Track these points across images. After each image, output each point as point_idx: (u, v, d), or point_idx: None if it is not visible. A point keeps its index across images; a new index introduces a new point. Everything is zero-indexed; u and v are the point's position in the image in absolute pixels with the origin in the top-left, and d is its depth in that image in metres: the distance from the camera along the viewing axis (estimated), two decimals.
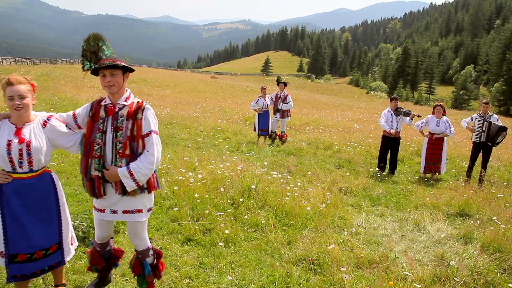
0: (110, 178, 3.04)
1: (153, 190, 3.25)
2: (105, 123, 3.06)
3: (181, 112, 18.27)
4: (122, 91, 3.12)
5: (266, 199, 5.85)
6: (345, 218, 5.67)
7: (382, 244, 4.96)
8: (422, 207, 6.51)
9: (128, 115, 3.06)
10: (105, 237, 3.46)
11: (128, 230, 3.36)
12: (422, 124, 9.41)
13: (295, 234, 4.91)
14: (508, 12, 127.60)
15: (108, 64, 2.97)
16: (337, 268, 4.03)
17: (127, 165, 3.02)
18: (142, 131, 3.06)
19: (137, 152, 3.07)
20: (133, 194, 3.11)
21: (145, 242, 3.35)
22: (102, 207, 3.21)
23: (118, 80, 3.04)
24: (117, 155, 3.04)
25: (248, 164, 7.68)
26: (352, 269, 4.17)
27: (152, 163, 3.04)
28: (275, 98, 11.95)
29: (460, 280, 3.90)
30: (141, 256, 3.34)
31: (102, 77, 3.04)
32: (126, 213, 3.19)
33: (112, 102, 3.10)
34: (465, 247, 4.92)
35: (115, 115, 3.06)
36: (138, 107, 3.09)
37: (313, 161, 9.70)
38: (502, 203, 6.26)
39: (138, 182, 3.03)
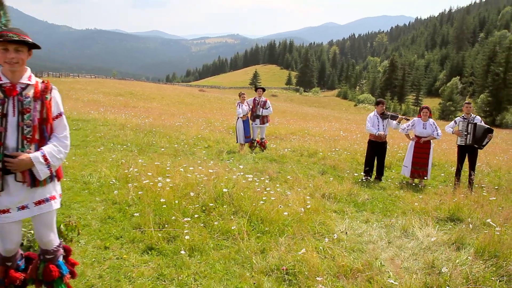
0: (19, 167, 2.56)
1: (61, 178, 2.92)
2: (5, 105, 2.60)
3: (164, 121, 17.77)
4: (23, 69, 2.72)
5: (240, 204, 5.35)
6: (326, 224, 5.20)
7: (367, 252, 4.49)
8: (410, 212, 6.05)
9: (36, 96, 2.68)
10: (15, 248, 2.89)
11: (38, 226, 2.85)
12: (408, 127, 9.03)
13: (270, 242, 4.42)
14: (491, 26, 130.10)
15: (15, 39, 2.56)
16: (314, 278, 3.54)
17: (38, 151, 2.62)
18: (52, 112, 2.73)
19: (47, 136, 2.71)
20: (43, 184, 2.70)
21: (57, 236, 2.95)
22: (6, 207, 2.68)
23: (23, 58, 2.65)
24: (25, 141, 2.62)
25: (224, 169, 7.18)
26: (331, 279, 3.67)
27: (67, 147, 2.74)
28: (253, 104, 11.53)
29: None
30: (53, 257, 2.90)
31: (3, 50, 2.59)
32: (40, 204, 2.75)
33: (11, 81, 2.66)
34: (457, 253, 4.47)
35: (19, 96, 2.64)
36: (46, 87, 2.75)
37: (296, 167, 9.24)
38: (494, 206, 5.84)
39: (51, 168, 2.66)
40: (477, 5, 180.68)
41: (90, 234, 4.50)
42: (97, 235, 4.48)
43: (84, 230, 4.58)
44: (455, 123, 8.90)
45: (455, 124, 8.86)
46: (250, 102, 11.58)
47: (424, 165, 8.73)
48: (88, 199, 5.70)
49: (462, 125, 8.65)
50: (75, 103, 26.22)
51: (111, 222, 4.86)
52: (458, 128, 8.72)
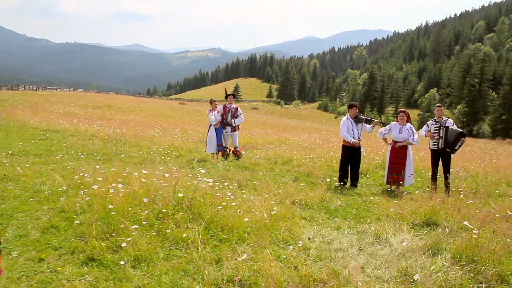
0: None
1: None
2: None
3: (137, 132, 17.21)
4: None
5: (200, 211, 4.91)
6: (293, 231, 4.79)
7: (335, 260, 4.09)
8: (385, 218, 5.69)
9: None
10: None
11: None
12: (385, 131, 8.74)
13: (227, 251, 3.98)
14: (465, 39, 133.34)
15: None
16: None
17: None
18: None
19: None
20: None
21: None
22: None
23: None
24: None
25: (188, 175, 6.72)
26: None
27: None
28: (224, 111, 11.12)
29: None
30: None
31: None
32: None
33: None
34: (433, 259, 4.11)
35: None
36: None
37: (267, 174, 8.84)
38: (472, 209, 5.52)
39: None
40: (452, 20, 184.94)
41: (26, 245, 4.00)
42: (33, 246, 3.98)
43: (20, 241, 4.09)
44: (427, 126, 8.68)
45: (428, 127, 8.65)
46: (220, 109, 11.18)
47: (400, 170, 8.41)
48: (34, 208, 5.19)
49: (434, 128, 8.45)
50: (48, 115, 25.42)
51: (54, 231, 4.37)
52: (430, 131, 8.51)
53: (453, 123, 8.48)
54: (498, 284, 3.52)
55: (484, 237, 4.14)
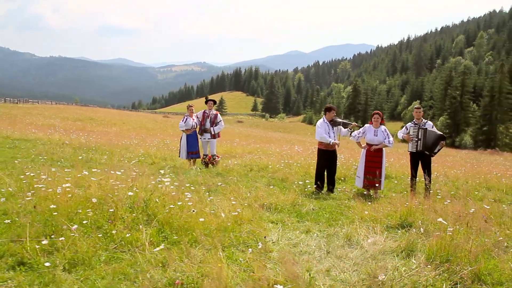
0: None
1: None
2: None
3: (112, 141, 16.72)
4: None
5: (155, 212, 4.50)
6: (256, 234, 4.40)
7: (299, 263, 3.72)
8: (359, 221, 5.35)
9: None
10: None
11: None
12: (359, 134, 8.43)
13: (179, 253, 3.58)
14: (446, 53, 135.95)
15: None
16: None
17: None
18: None
19: None
20: None
21: None
22: None
23: None
24: None
25: (149, 177, 6.30)
26: None
27: None
28: (203, 117, 10.74)
29: None
30: None
31: None
32: None
33: None
34: (406, 260, 3.77)
35: None
36: None
37: (240, 179, 8.46)
38: (449, 210, 5.21)
39: None
40: (433, 34, 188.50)
41: None
42: None
43: None
44: (406, 129, 8.44)
45: (407, 130, 8.40)
46: (199, 115, 10.80)
47: (376, 174, 8.09)
48: None
49: (413, 130, 8.20)
50: (25, 127, 24.71)
51: None
52: (409, 134, 8.26)
53: (432, 126, 8.26)
54: (475, 284, 3.19)
55: (460, 235, 3.82)
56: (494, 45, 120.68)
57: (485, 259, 3.59)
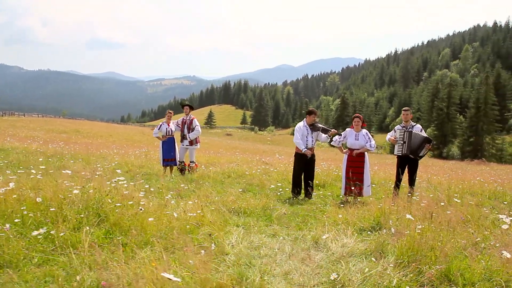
0: None
1: None
2: None
3: (90, 150, 16.28)
4: None
5: (107, 214, 4.15)
6: (215, 236, 4.06)
7: (255, 266, 3.39)
8: (331, 224, 5.03)
9: None
10: None
11: None
12: (340, 139, 8.13)
13: (123, 255, 3.23)
14: (433, 66, 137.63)
15: None
16: None
17: None
18: None
19: None
20: None
21: None
22: None
23: None
24: None
25: (107, 182, 5.92)
26: None
27: None
28: (181, 123, 10.41)
29: None
30: None
31: None
32: None
33: None
34: (372, 263, 3.45)
35: None
36: None
37: (214, 185, 8.11)
38: (425, 210, 4.91)
39: None
40: (420, 47, 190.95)
41: None
42: None
43: None
44: (394, 131, 8.18)
45: (394, 132, 8.15)
46: (179, 121, 10.46)
47: (358, 180, 7.74)
48: None
49: (399, 133, 7.94)
50: (5, 138, 24.13)
51: None
52: (396, 136, 8.01)
53: (421, 129, 7.99)
54: (444, 284, 2.88)
55: (430, 232, 3.51)
56: (479, 58, 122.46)
57: (459, 259, 3.29)
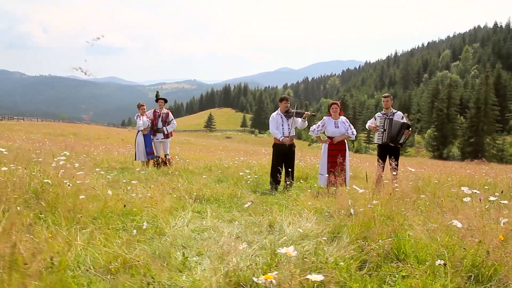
0: None
1: None
2: None
3: (74, 147, 15.95)
4: None
5: (45, 195, 3.82)
6: (159, 218, 3.72)
7: (191, 247, 3.06)
8: (299, 211, 4.68)
9: None
10: None
11: None
12: (318, 128, 7.76)
13: (49, 233, 2.90)
14: (433, 67, 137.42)
15: None
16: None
17: None
18: None
19: None
20: None
21: None
22: None
23: None
24: None
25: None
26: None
27: None
28: (154, 116, 10.13)
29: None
30: None
31: None
32: None
33: None
34: (321, 245, 3.10)
35: None
36: None
37: (190, 177, 7.77)
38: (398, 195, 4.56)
39: None
40: (420, 49, 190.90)
41: None
42: None
43: None
44: (374, 119, 7.85)
45: (375, 120, 7.82)
46: (149, 114, 10.18)
47: (342, 169, 7.37)
48: None
49: (380, 121, 7.61)
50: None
51: None
52: (376, 124, 7.67)
53: (402, 117, 7.67)
54: (388, 260, 2.55)
55: (382, 207, 3.18)
56: (479, 59, 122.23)
57: (417, 239, 2.94)
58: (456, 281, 2.09)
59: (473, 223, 2.51)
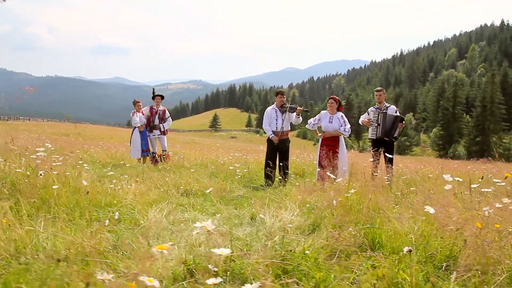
0: None
1: None
2: None
3: (72, 145, 15.97)
4: None
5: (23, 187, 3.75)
6: (135, 211, 3.64)
7: (163, 237, 2.98)
8: (284, 204, 4.58)
9: None
10: None
11: None
12: (314, 121, 7.69)
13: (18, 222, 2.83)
14: (439, 66, 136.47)
15: None
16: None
17: None
18: None
19: None
20: None
21: None
22: None
23: None
24: None
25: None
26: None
27: None
28: (150, 113, 10.06)
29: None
30: None
31: None
32: None
33: None
34: (297, 236, 3.01)
35: None
36: None
37: (183, 172, 7.69)
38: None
39: None
40: (426, 48, 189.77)
41: None
42: None
43: None
44: (367, 114, 7.74)
45: (368, 114, 7.71)
46: (146, 111, 10.12)
47: (332, 165, 7.26)
48: None
49: (373, 115, 7.51)
50: None
51: None
52: (370, 119, 7.57)
53: (396, 110, 7.58)
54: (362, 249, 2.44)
55: (360, 196, 3.07)
56: (486, 57, 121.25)
57: (387, 223, 2.83)
58: (426, 270, 1.99)
59: (451, 210, 2.40)
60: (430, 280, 1.84)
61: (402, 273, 1.93)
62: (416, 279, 1.80)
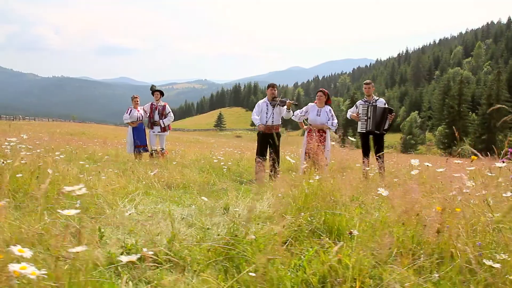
0: None
1: None
2: None
3: (70, 142, 16.01)
4: None
5: None
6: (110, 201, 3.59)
7: (127, 226, 2.92)
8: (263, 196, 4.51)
9: None
10: None
11: None
12: (301, 113, 7.65)
13: None
14: (445, 64, 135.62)
15: None
16: None
17: None
18: None
19: None
20: None
21: None
22: None
23: None
24: None
25: None
26: None
27: None
28: (150, 109, 10.00)
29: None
30: None
31: None
32: None
33: None
34: (259, 225, 2.95)
35: None
36: None
37: (172, 166, 7.64)
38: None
39: None
40: (431, 46, 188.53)
41: None
42: None
43: None
44: (356, 107, 7.66)
45: (356, 108, 7.63)
46: (146, 107, 10.06)
47: (316, 159, 7.16)
48: None
49: (362, 108, 7.44)
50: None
51: None
52: (358, 112, 7.48)
53: (385, 103, 7.50)
54: (316, 236, 2.37)
55: (318, 183, 3.00)
56: (492, 55, 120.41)
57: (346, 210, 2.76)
58: (378, 257, 1.91)
59: (411, 195, 2.32)
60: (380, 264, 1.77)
61: (353, 259, 1.86)
62: (360, 264, 1.73)
